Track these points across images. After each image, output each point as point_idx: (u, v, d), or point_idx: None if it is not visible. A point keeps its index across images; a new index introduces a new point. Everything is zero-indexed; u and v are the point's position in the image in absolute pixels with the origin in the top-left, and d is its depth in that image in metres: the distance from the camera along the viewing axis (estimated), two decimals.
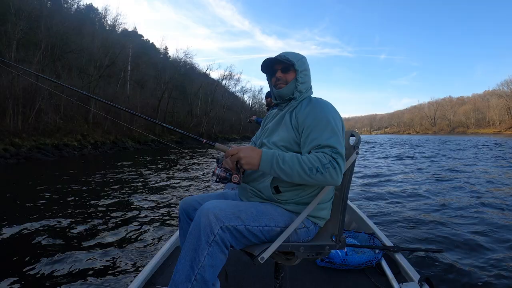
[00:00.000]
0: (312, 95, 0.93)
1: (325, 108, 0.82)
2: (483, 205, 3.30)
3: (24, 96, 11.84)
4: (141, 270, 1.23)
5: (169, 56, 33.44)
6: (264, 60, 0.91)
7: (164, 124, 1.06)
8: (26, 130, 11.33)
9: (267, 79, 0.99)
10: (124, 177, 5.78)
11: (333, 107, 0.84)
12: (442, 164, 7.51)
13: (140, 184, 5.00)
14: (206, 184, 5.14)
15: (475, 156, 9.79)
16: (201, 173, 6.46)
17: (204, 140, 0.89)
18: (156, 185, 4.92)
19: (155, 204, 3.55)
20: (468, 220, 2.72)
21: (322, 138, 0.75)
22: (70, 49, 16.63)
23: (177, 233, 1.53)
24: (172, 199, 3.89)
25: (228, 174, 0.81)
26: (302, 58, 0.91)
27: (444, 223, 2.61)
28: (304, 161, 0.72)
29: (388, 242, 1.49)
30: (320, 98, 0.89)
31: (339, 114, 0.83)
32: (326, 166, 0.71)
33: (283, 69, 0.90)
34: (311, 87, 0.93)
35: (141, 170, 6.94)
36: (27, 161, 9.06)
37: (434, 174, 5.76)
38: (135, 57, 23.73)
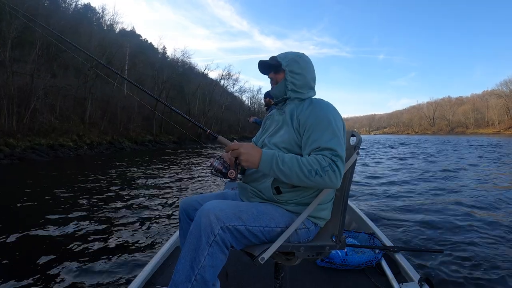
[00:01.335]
0: (314, 97, 0.92)
1: (326, 110, 0.82)
2: (483, 205, 3.32)
3: (19, 95, 11.67)
4: (141, 270, 1.22)
5: (167, 56, 33.31)
6: (258, 64, 0.93)
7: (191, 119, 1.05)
8: (21, 130, 11.16)
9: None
10: (122, 177, 5.72)
11: (334, 108, 0.84)
12: (442, 165, 7.57)
13: (139, 184, 4.95)
14: (206, 184, 5.12)
15: (475, 156, 9.87)
16: (201, 173, 6.43)
17: (209, 130, 0.89)
18: (155, 185, 4.88)
19: (154, 204, 3.52)
20: (468, 220, 2.74)
21: (323, 140, 0.75)
22: (65, 48, 16.41)
23: (177, 233, 1.53)
24: (171, 199, 3.86)
25: (225, 168, 0.80)
26: (295, 58, 0.89)
27: (444, 223, 2.62)
28: (303, 163, 0.72)
29: (388, 242, 1.49)
30: (322, 99, 0.88)
31: (340, 116, 0.83)
32: (325, 169, 0.70)
33: (274, 70, 0.91)
34: (311, 88, 0.91)
35: (139, 170, 6.88)
36: (21, 161, 8.92)
37: (434, 175, 5.80)
38: (132, 56, 23.57)
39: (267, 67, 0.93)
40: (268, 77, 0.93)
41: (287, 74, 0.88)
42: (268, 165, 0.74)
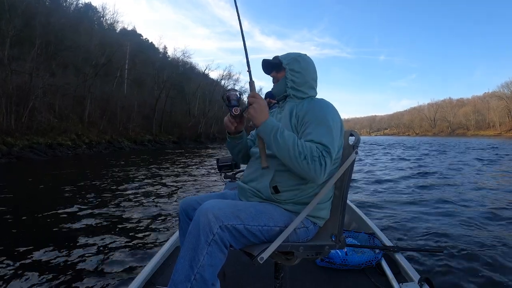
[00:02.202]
0: (316, 96, 0.93)
1: (325, 109, 0.83)
2: (483, 205, 3.33)
3: (17, 94, 11.63)
4: (141, 270, 1.21)
5: (168, 55, 33.24)
6: (261, 63, 0.96)
7: None
8: (19, 129, 11.13)
9: None
10: (121, 177, 5.71)
11: (334, 108, 0.85)
12: (443, 166, 7.56)
13: (138, 184, 4.94)
14: (206, 184, 5.11)
15: (476, 158, 9.87)
16: (201, 173, 6.42)
17: (248, 69, 0.85)
18: (155, 185, 4.86)
19: (154, 204, 3.50)
20: (468, 220, 2.73)
21: (317, 135, 0.76)
22: (64, 47, 16.39)
23: (177, 233, 1.52)
24: (171, 199, 3.85)
25: (234, 101, 0.81)
26: (296, 57, 0.91)
27: (444, 223, 2.62)
28: (298, 144, 0.73)
29: (388, 242, 1.48)
30: (322, 99, 0.89)
31: (339, 117, 0.84)
32: (314, 158, 0.71)
33: (276, 69, 0.94)
34: (312, 88, 0.93)
35: (138, 170, 6.87)
36: (18, 160, 8.89)
37: (434, 176, 5.80)
38: (133, 55, 23.52)
39: (270, 66, 0.95)
40: (270, 76, 0.96)
41: (287, 72, 0.91)
42: (268, 130, 0.76)
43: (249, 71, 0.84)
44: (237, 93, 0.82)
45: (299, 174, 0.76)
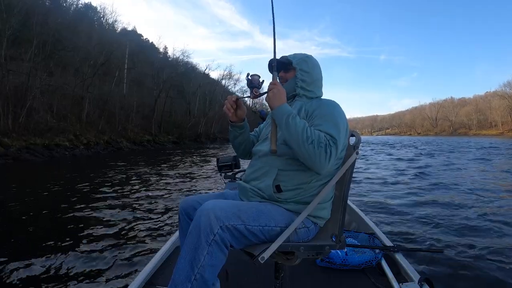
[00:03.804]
0: (323, 97, 0.96)
1: (332, 108, 0.86)
2: (484, 205, 3.34)
3: (15, 94, 11.55)
4: (141, 270, 1.21)
5: (169, 55, 33.13)
6: (268, 63, 0.96)
7: None
8: (16, 129, 11.04)
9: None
10: (119, 178, 5.68)
11: (341, 109, 0.88)
12: (442, 165, 7.58)
13: (138, 184, 4.92)
14: (206, 184, 5.10)
15: (477, 157, 9.88)
16: (201, 173, 6.40)
17: (274, 62, 0.88)
18: (155, 185, 4.85)
19: (154, 205, 3.50)
20: (468, 220, 2.74)
21: (324, 127, 0.78)
22: (62, 47, 16.29)
23: (177, 233, 1.52)
24: (171, 199, 3.84)
25: (256, 84, 0.87)
26: (304, 58, 0.94)
27: (444, 223, 2.62)
28: (307, 129, 0.75)
29: (388, 242, 1.49)
30: (331, 99, 0.92)
31: (345, 118, 0.86)
32: (321, 144, 0.73)
33: (284, 69, 0.96)
34: (320, 87, 0.96)
35: (138, 170, 6.84)
36: (14, 161, 8.83)
37: (435, 175, 5.81)
38: (132, 55, 23.44)
39: (277, 66, 0.96)
40: (278, 76, 0.97)
41: (298, 72, 0.93)
42: (282, 113, 0.79)
43: (275, 64, 0.89)
44: (260, 79, 0.88)
45: (304, 161, 0.77)
